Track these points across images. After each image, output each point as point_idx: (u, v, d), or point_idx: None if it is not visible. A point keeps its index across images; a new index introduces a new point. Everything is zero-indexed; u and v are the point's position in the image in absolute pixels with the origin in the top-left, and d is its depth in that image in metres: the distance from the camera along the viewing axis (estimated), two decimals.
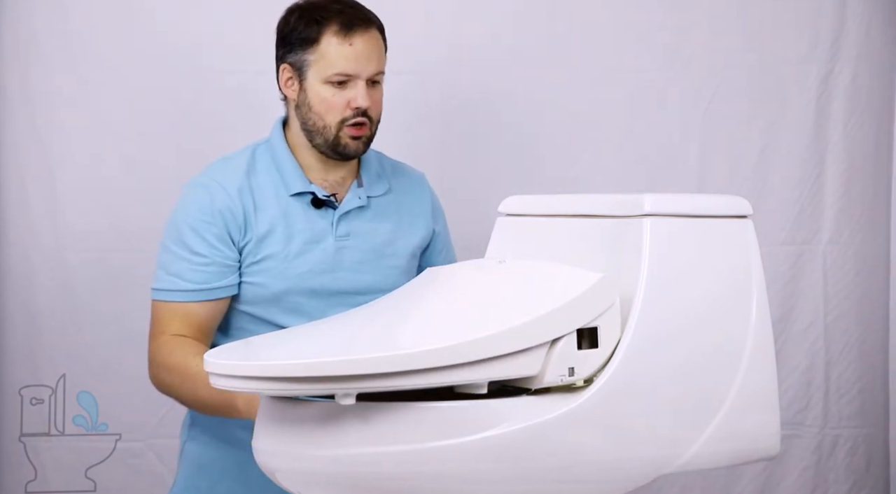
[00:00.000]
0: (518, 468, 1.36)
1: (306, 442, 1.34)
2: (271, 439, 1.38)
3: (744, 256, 1.51)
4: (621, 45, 2.52)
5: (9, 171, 2.47)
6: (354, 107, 1.84)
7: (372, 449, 1.32)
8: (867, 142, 2.55)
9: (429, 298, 1.54)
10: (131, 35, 2.47)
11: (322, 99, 1.85)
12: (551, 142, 2.54)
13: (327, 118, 1.86)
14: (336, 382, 1.27)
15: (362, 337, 1.43)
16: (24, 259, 2.47)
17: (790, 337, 2.56)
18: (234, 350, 1.42)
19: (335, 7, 1.86)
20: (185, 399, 1.82)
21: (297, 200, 1.88)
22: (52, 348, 2.46)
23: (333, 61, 1.84)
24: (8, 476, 2.45)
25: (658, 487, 2.56)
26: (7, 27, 2.44)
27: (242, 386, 1.30)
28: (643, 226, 1.44)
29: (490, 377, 1.33)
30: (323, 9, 1.86)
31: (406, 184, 2.02)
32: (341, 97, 1.84)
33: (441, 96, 2.52)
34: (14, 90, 2.45)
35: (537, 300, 1.39)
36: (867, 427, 2.58)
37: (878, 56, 2.53)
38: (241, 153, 1.94)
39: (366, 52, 1.84)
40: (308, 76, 1.86)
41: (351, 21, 1.84)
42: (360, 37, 1.84)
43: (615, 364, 1.40)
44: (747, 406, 1.49)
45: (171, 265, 1.85)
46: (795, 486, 2.57)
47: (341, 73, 1.84)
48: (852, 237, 2.56)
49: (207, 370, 1.32)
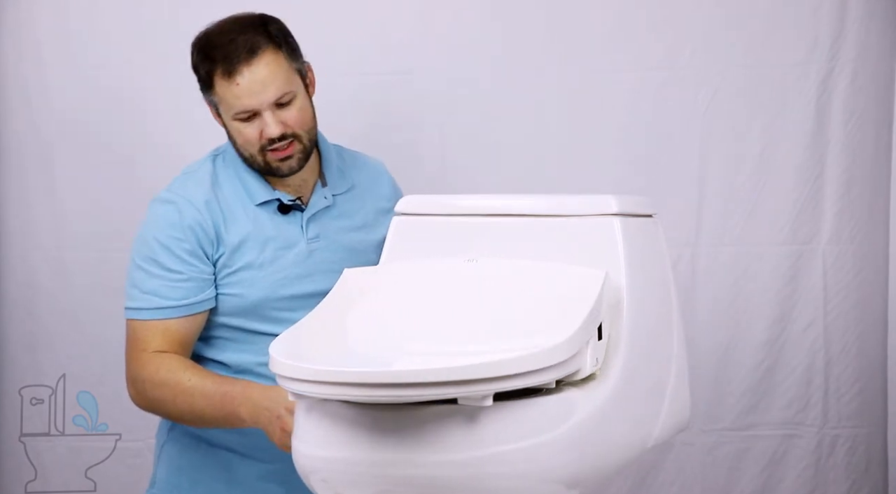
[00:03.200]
0: (584, 455, 1.42)
1: (419, 449, 1.33)
2: (365, 449, 1.34)
3: (663, 249, 1.69)
4: (621, 44, 2.52)
5: (9, 171, 2.47)
6: (266, 137, 1.81)
7: (481, 452, 1.33)
8: (867, 142, 2.55)
9: (455, 298, 1.53)
10: (131, 35, 2.47)
11: (238, 133, 1.84)
12: (551, 142, 2.54)
13: (248, 149, 1.84)
14: (465, 386, 1.26)
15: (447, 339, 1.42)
16: (24, 259, 2.48)
17: (790, 337, 2.56)
18: (313, 354, 1.39)
19: (220, 42, 1.81)
20: (179, 413, 1.80)
21: (264, 209, 1.87)
22: (52, 348, 2.46)
23: (230, 102, 1.81)
24: (8, 476, 2.45)
25: (658, 487, 2.56)
26: (7, 27, 2.45)
27: (344, 394, 1.27)
28: (614, 224, 1.56)
29: (566, 373, 1.39)
30: (209, 48, 1.82)
31: (367, 175, 2.01)
32: (253, 129, 1.82)
33: (439, 96, 2.52)
34: (14, 90, 2.45)
35: (570, 300, 1.44)
36: (866, 426, 2.58)
37: (878, 56, 2.53)
38: (202, 165, 1.92)
39: (255, 85, 1.79)
40: (222, 113, 1.85)
41: (231, 60, 1.79)
42: (244, 73, 1.79)
43: (622, 353, 1.49)
44: (678, 383, 1.65)
45: (144, 283, 1.83)
46: (795, 486, 2.57)
47: (242, 112, 1.81)
48: (852, 237, 2.56)
49: (297, 376, 1.29)
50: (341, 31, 2.49)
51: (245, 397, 1.72)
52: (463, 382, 1.25)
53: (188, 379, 1.75)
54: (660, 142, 2.54)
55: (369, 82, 2.49)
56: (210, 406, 1.72)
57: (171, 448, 1.94)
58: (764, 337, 2.56)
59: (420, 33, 2.50)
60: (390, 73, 2.49)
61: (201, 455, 1.91)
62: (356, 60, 2.50)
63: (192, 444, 1.91)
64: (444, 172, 2.51)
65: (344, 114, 2.45)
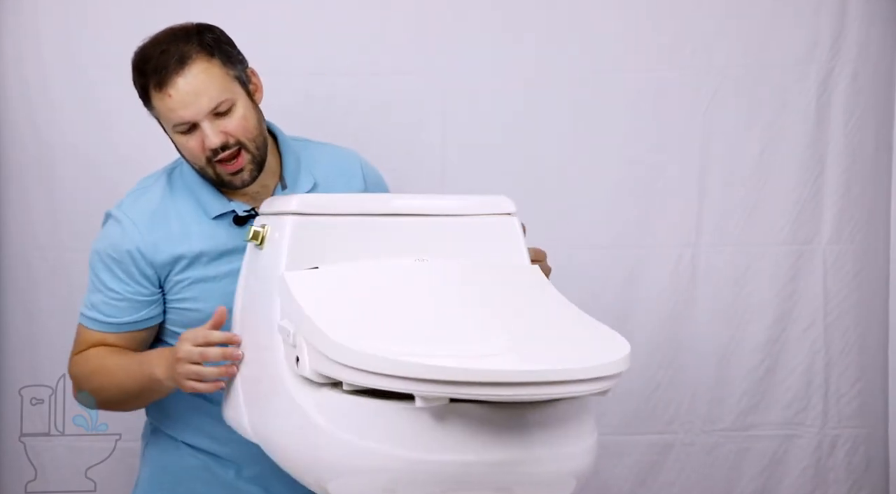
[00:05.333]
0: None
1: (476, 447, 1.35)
2: (501, 449, 1.36)
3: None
4: (621, 44, 2.52)
5: (9, 171, 2.47)
6: (209, 148, 1.76)
7: (586, 442, 1.42)
8: (867, 142, 2.55)
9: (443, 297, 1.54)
10: (131, 35, 2.46)
11: (182, 146, 1.80)
12: (551, 142, 2.53)
13: (195, 162, 1.81)
14: (603, 381, 1.31)
15: (498, 339, 1.42)
16: (24, 259, 2.47)
17: (790, 337, 2.56)
18: (385, 345, 1.37)
19: (152, 54, 1.78)
20: (111, 395, 1.81)
21: (220, 221, 1.84)
22: (52, 348, 2.46)
23: (166, 116, 1.77)
24: (8, 476, 2.45)
25: (658, 487, 2.56)
26: (7, 27, 2.44)
27: (498, 394, 1.28)
28: (514, 222, 1.71)
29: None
30: (143, 61, 1.79)
31: (332, 169, 1.95)
32: (195, 141, 1.77)
33: (439, 96, 2.52)
34: (14, 90, 2.45)
35: (540, 294, 1.59)
36: (867, 427, 2.58)
37: (878, 56, 2.53)
38: (156, 180, 1.90)
39: (188, 96, 1.74)
40: (165, 127, 1.82)
41: (161, 71, 1.75)
42: (176, 84, 1.74)
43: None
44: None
45: (91, 294, 1.85)
46: (795, 486, 2.57)
47: (178, 124, 1.77)
48: (852, 237, 2.56)
49: (437, 377, 1.28)
50: (341, 31, 2.49)
51: (159, 356, 1.74)
52: (604, 377, 1.31)
53: (112, 362, 1.80)
54: (660, 142, 2.54)
55: (369, 82, 2.49)
56: (130, 377, 1.75)
57: (153, 450, 1.95)
58: (764, 338, 2.56)
59: (420, 33, 2.50)
60: (390, 73, 2.49)
61: (181, 456, 1.91)
62: (356, 60, 2.49)
63: (172, 446, 1.92)
64: (444, 172, 2.51)
65: (344, 114, 2.45)
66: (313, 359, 1.44)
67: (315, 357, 1.43)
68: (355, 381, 1.36)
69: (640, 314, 2.53)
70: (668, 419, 2.56)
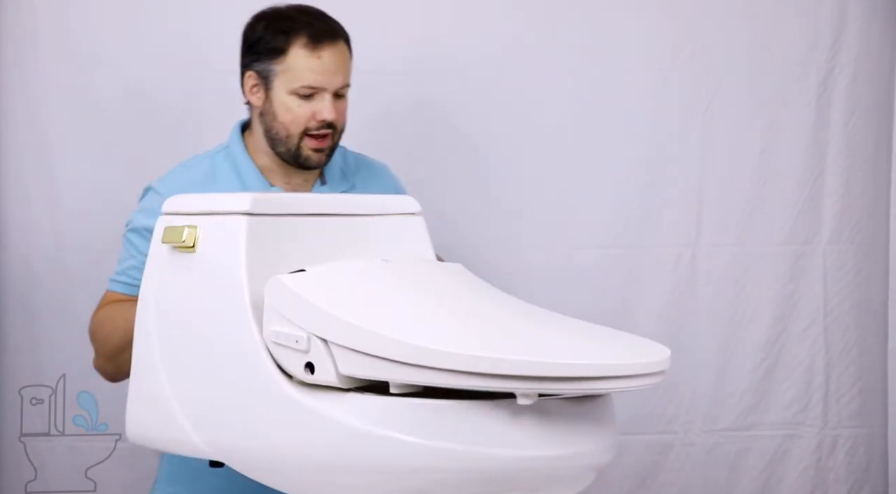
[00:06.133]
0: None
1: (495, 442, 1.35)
2: (573, 442, 1.37)
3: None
4: (621, 44, 2.52)
5: (9, 171, 2.47)
6: (320, 119, 1.84)
7: (615, 436, 1.43)
8: (867, 142, 2.55)
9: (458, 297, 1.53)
10: (131, 34, 2.47)
11: (287, 109, 1.85)
12: (551, 142, 2.53)
13: (291, 128, 1.86)
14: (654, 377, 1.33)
15: (520, 336, 1.42)
16: (24, 259, 2.47)
17: (790, 337, 2.56)
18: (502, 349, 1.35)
19: (303, 18, 1.86)
20: (115, 342, 1.78)
21: None
22: (52, 348, 2.46)
23: (301, 74, 1.83)
24: (8, 476, 2.45)
25: (658, 487, 2.56)
26: (7, 27, 2.44)
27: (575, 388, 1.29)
28: (420, 222, 1.69)
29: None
30: (291, 20, 1.86)
31: (368, 177, 2.01)
32: (307, 108, 1.84)
33: (440, 96, 2.52)
34: (14, 90, 2.45)
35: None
36: (867, 427, 2.58)
37: (878, 56, 2.53)
38: (200, 160, 1.94)
39: (333, 65, 1.84)
40: (274, 86, 1.86)
41: (320, 34, 1.84)
42: (328, 50, 1.84)
43: None
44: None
45: (122, 263, 1.88)
46: (795, 486, 2.57)
47: (308, 86, 1.84)
48: (852, 237, 2.56)
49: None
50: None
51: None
52: (656, 373, 1.32)
53: (117, 308, 1.80)
54: (660, 142, 2.54)
55: (369, 82, 2.49)
56: (130, 320, 1.71)
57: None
58: (764, 337, 2.56)
59: (420, 33, 2.50)
60: (390, 73, 2.49)
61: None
62: (357, 60, 2.49)
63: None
64: (444, 172, 2.50)
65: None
66: (345, 364, 1.37)
67: (350, 361, 1.37)
68: (435, 382, 1.32)
69: (640, 314, 2.53)
70: (668, 419, 2.56)
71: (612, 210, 2.53)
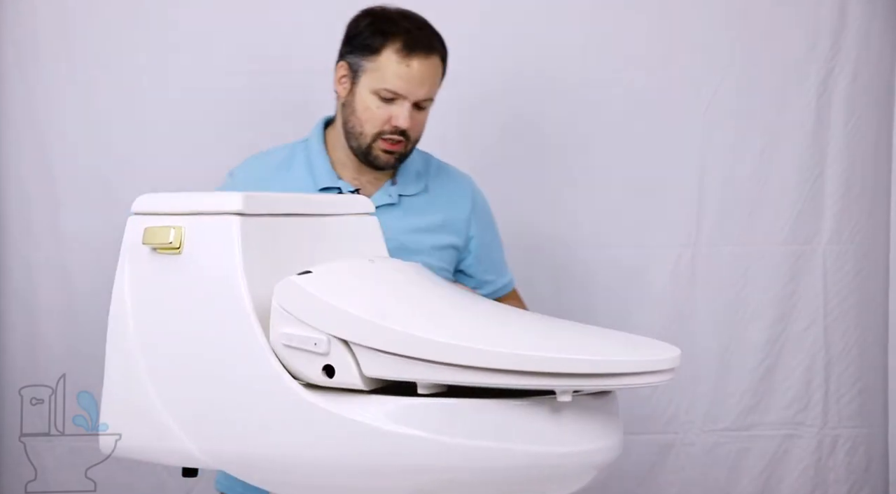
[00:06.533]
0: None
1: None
2: (605, 436, 1.39)
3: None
4: (621, 44, 2.52)
5: (9, 171, 2.47)
6: (394, 125, 1.88)
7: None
8: (867, 142, 2.55)
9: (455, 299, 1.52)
10: (131, 35, 2.47)
11: (366, 107, 1.89)
12: (550, 142, 2.53)
13: (366, 126, 1.90)
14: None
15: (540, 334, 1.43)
16: (24, 259, 2.47)
17: (790, 337, 2.56)
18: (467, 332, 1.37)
19: (405, 24, 1.89)
20: None
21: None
22: (52, 348, 2.46)
23: (387, 77, 1.87)
24: (8, 476, 2.45)
25: (658, 487, 2.56)
26: (7, 27, 2.44)
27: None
28: (374, 222, 1.69)
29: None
30: (393, 22, 1.89)
31: (446, 185, 2.04)
32: (385, 111, 1.88)
33: (437, 98, 2.52)
34: (14, 90, 2.45)
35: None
36: (867, 427, 2.58)
37: (878, 56, 2.53)
38: (280, 149, 2.01)
39: (420, 76, 1.88)
40: (361, 81, 1.90)
41: (415, 43, 1.87)
42: (419, 60, 1.87)
43: None
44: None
45: None
46: (795, 486, 2.57)
47: (391, 91, 1.87)
48: (852, 237, 2.56)
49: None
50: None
51: None
52: (672, 370, 1.33)
53: None
54: (660, 142, 2.54)
55: None
56: None
57: None
58: (764, 337, 2.56)
59: None
60: None
61: None
62: None
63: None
64: None
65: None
66: (369, 365, 1.35)
67: (375, 362, 1.34)
68: (469, 382, 1.31)
69: (640, 314, 2.53)
70: (668, 419, 2.56)
71: (612, 210, 2.53)
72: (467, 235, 2.04)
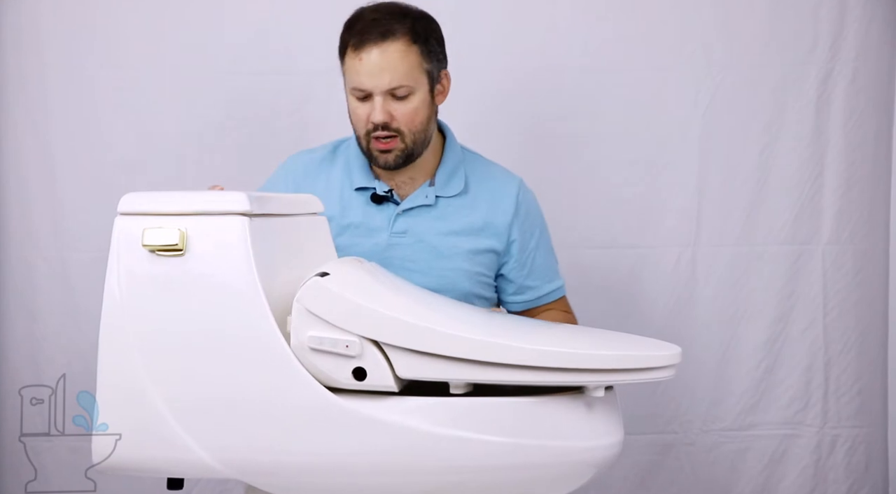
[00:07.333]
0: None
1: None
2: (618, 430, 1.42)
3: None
4: (621, 44, 2.52)
5: (9, 171, 2.47)
6: (372, 122, 1.85)
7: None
8: (867, 142, 2.55)
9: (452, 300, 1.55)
10: (131, 35, 2.47)
11: (351, 109, 1.89)
12: (550, 142, 2.53)
13: (356, 129, 1.90)
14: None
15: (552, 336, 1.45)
16: (24, 259, 2.47)
17: (790, 337, 2.56)
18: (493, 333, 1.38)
19: (365, 18, 1.85)
20: None
21: (360, 195, 1.93)
22: (52, 348, 2.46)
23: (349, 76, 1.86)
24: (8, 476, 2.45)
25: (658, 487, 2.56)
26: (7, 27, 2.44)
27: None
28: (323, 221, 1.69)
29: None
30: (354, 19, 1.87)
31: (490, 187, 1.99)
32: (363, 110, 1.86)
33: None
34: (14, 90, 2.45)
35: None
36: (866, 426, 2.58)
37: (878, 56, 2.53)
38: (324, 146, 2.01)
39: (375, 67, 1.82)
40: (345, 85, 1.90)
41: (363, 35, 1.83)
42: (370, 51, 1.82)
43: None
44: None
45: None
46: (795, 486, 2.57)
47: (356, 88, 1.85)
48: (852, 237, 2.56)
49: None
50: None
51: None
52: (675, 365, 1.37)
53: None
54: (660, 142, 2.54)
55: None
56: None
57: None
58: (764, 337, 2.56)
59: None
60: None
61: None
62: None
63: None
64: None
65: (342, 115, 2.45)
66: (403, 366, 1.34)
67: (408, 363, 1.33)
68: (505, 380, 1.33)
69: (640, 314, 2.53)
70: (668, 419, 2.56)
71: (612, 210, 2.53)
72: (508, 239, 1.98)
